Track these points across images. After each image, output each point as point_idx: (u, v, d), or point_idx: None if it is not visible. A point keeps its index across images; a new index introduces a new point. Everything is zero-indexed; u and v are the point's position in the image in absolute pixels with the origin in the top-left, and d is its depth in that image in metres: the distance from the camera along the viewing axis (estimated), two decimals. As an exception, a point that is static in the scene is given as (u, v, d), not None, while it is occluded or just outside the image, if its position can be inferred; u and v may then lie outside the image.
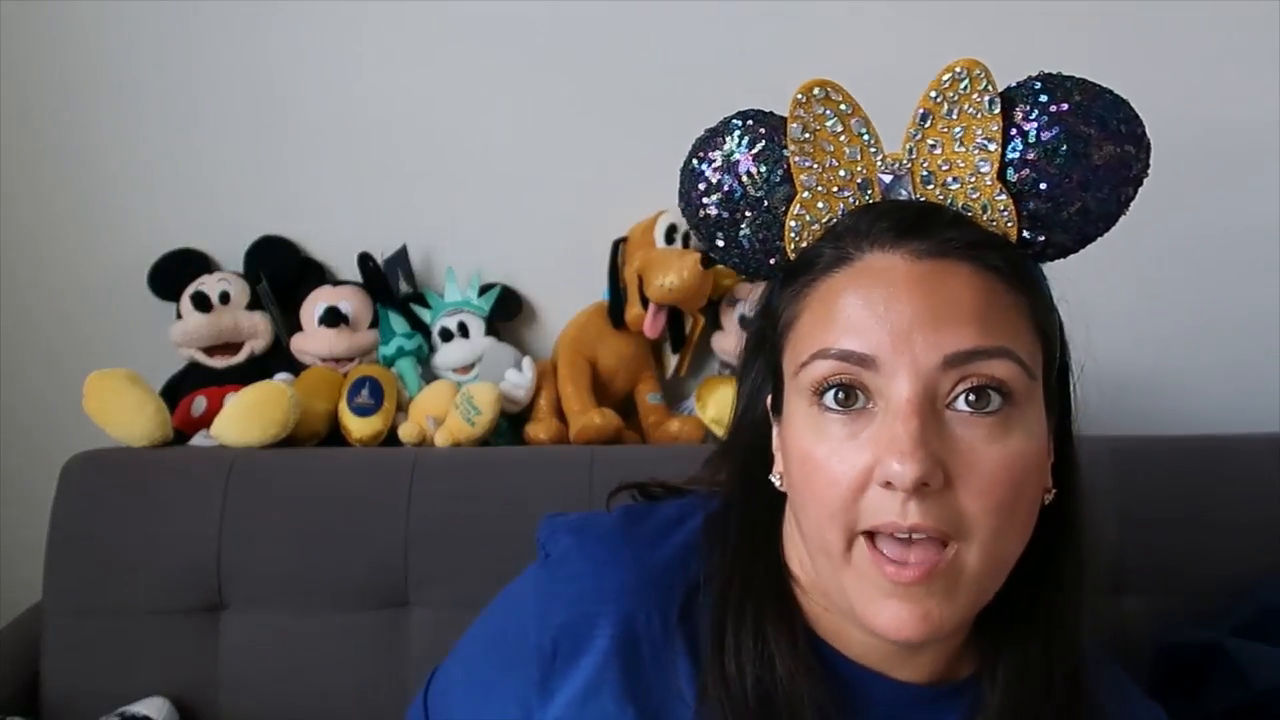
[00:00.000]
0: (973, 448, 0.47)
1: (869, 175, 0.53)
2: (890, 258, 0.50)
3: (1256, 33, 1.33)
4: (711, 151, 0.55)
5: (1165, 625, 1.09)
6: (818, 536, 0.51)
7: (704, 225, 0.56)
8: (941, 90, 0.51)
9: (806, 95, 0.52)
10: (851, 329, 0.48)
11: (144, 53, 1.31)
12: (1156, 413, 1.40)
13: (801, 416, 0.51)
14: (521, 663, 0.58)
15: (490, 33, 1.30)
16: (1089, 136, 0.52)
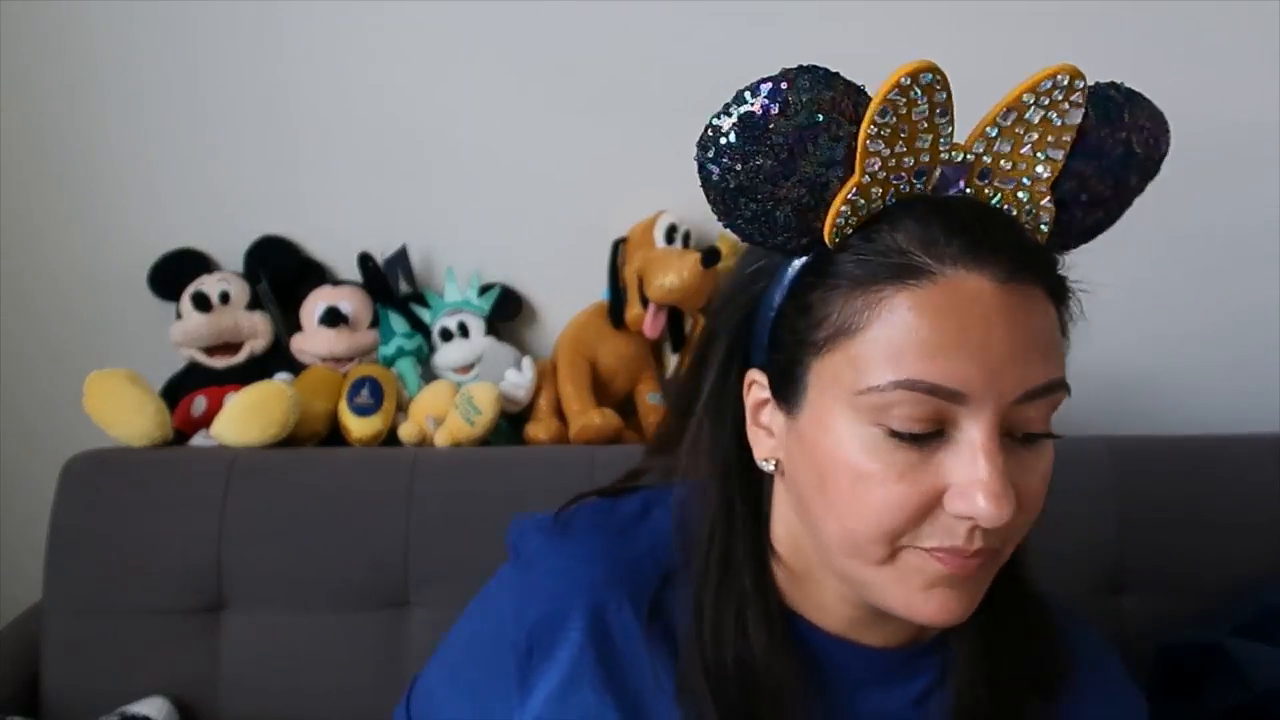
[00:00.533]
0: (1028, 467, 0.49)
1: (931, 165, 0.49)
2: (977, 280, 0.46)
3: (1257, 33, 1.33)
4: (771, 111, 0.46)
5: (1165, 625, 1.10)
6: (848, 541, 0.50)
7: (737, 195, 0.49)
8: (1036, 94, 0.49)
9: (911, 79, 0.46)
10: (944, 360, 0.46)
11: (144, 53, 1.31)
12: (1156, 413, 1.40)
13: (849, 429, 0.48)
14: (501, 662, 0.59)
15: (490, 33, 1.30)
16: (1138, 162, 0.52)
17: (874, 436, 0.47)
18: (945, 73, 0.47)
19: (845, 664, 0.57)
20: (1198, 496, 1.15)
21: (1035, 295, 0.48)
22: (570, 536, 0.61)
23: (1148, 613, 1.13)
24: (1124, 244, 1.52)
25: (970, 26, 1.33)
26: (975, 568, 0.48)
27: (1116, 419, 1.39)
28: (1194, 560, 1.14)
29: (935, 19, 1.32)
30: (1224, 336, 1.41)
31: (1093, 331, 1.54)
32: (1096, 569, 1.14)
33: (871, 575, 0.50)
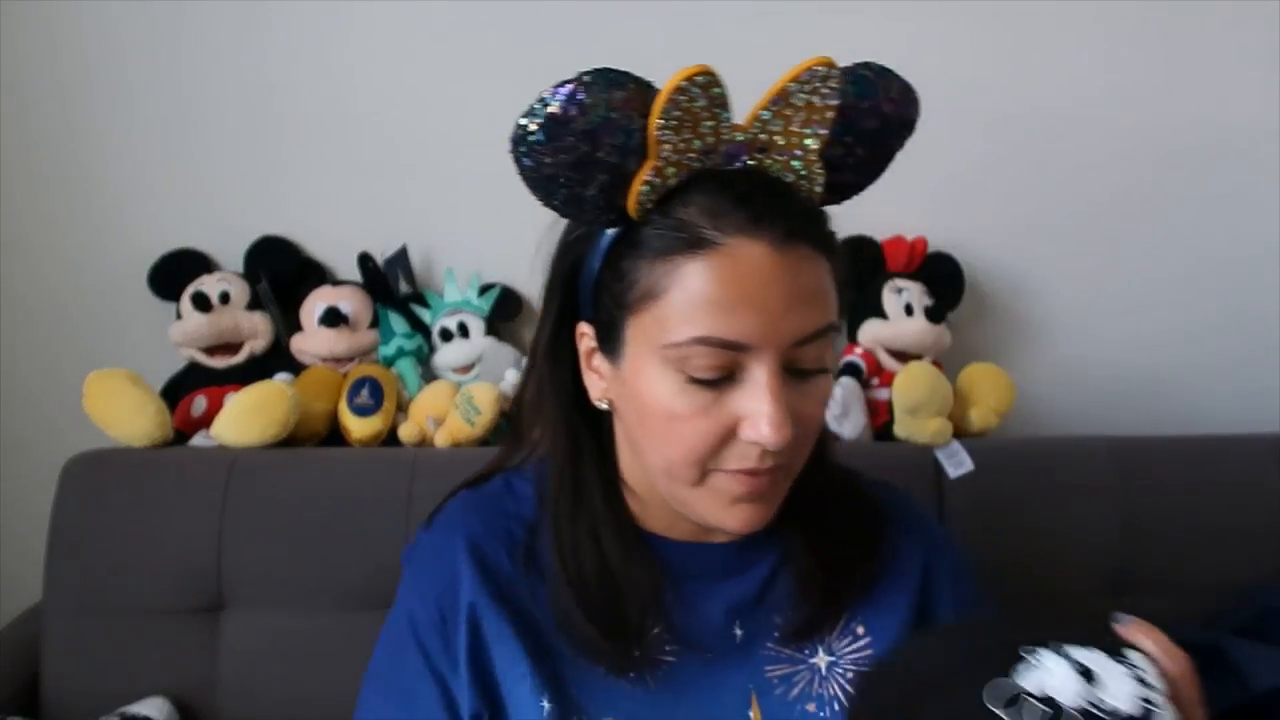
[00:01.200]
0: (804, 394, 0.58)
1: (715, 146, 0.57)
2: (756, 246, 0.55)
3: (1257, 33, 1.34)
4: (576, 113, 0.54)
5: (1165, 625, 1.09)
6: (666, 469, 0.59)
7: (542, 178, 0.56)
8: (800, 82, 0.57)
9: (688, 81, 0.54)
10: (729, 317, 0.55)
11: (144, 53, 1.31)
12: (1156, 413, 1.40)
13: (660, 376, 0.57)
14: (427, 648, 0.65)
15: (491, 32, 1.30)
16: (893, 128, 0.62)
17: (679, 382, 0.57)
18: (717, 73, 0.55)
19: (696, 563, 0.67)
20: (1198, 496, 1.15)
21: (807, 255, 0.57)
22: (444, 517, 0.70)
23: (1148, 613, 1.11)
24: (1124, 245, 1.53)
25: (970, 27, 1.33)
26: (767, 484, 0.59)
27: (1116, 419, 1.39)
28: (1194, 560, 1.14)
29: (934, 18, 1.32)
30: (1224, 337, 1.41)
31: (1093, 332, 1.54)
32: (1096, 569, 1.14)
33: (688, 495, 0.60)
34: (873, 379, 1.29)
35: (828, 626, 0.67)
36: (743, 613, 0.67)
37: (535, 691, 0.63)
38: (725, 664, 0.66)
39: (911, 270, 1.33)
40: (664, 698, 0.65)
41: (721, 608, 0.67)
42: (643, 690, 0.65)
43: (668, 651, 0.65)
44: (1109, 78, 1.35)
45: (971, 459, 1.15)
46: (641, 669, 0.65)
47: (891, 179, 1.46)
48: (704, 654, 0.66)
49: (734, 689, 0.66)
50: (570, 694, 0.64)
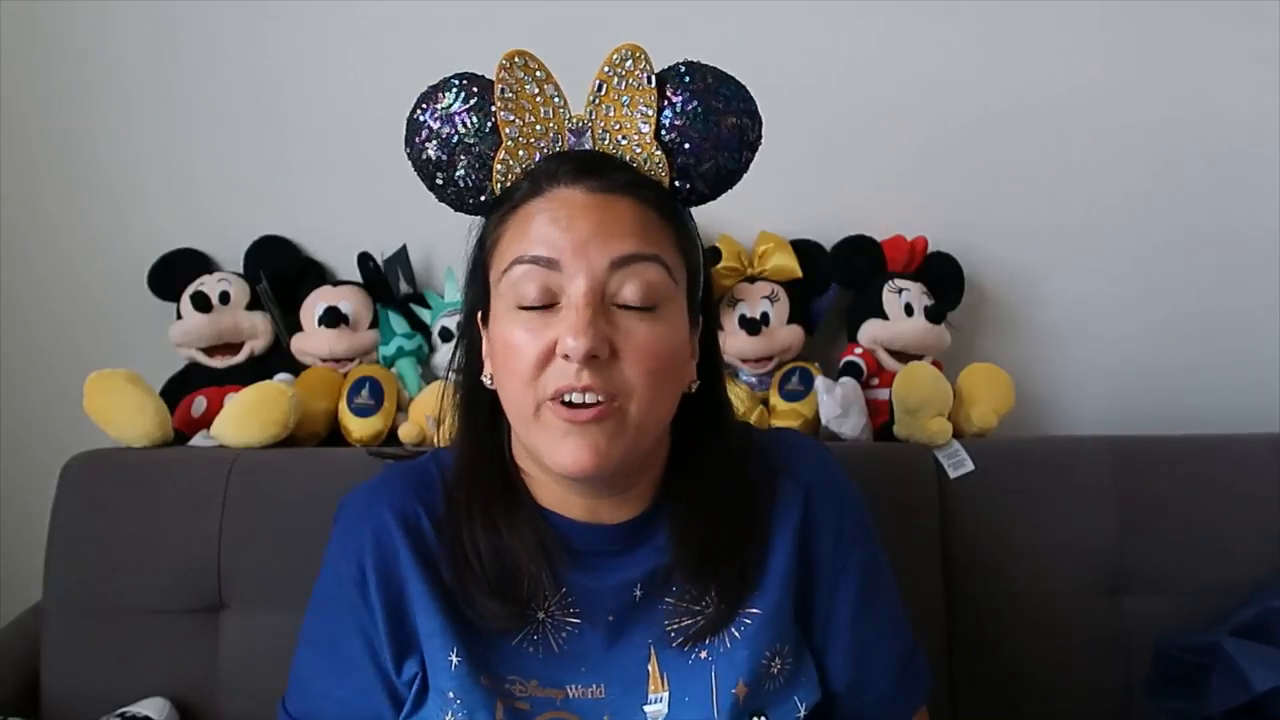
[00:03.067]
0: (630, 329, 0.63)
1: (559, 130, 0.67)
2: (572, 191, 0.64)
3: (1258, 32, 1.34)
4: (434, 105, 0.68)
5: (1165, 625, 1.10)
6: (515, 405, 0.64)
7: (426, 166, 0.69)
8: (613, 66, 0.66)
9: (509, 62, 0.65)
10: (541, 240, 0.63)
11: (144, 53, 1.31)
12: (1156, 413, 1.40)
13: (504, 315, 0.64)
14: (348, 604, 0.70)
15: (490, 32, 1.30)
16: (718, 109, 0.68)
17: (513, 313, 0.64)
18: (536, 55, 0.65)
19: (588, 540, 0.70)
20: (1198, 496, 1.15)
21: (625, 201, 0.64)
22: (370, 484, 0.75)
23: (1148, 613, 1.13)
24: (1125, 245, 1.53)
25: (971, 27, 1.33)
26: (588, 418, 0.62)
27: (1116, 419, 1.39)
28: (1194, 560, 1.14)
29: (934, 18, 1.33)
30: (1224, 336, 1.41)
31: (1093, 332, 1.54)
32: (1096, 569, 1.14)
33: (535, 436, 0.64)
34: (873, 379, 1.29)
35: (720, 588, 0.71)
36: (642, 579, 0.71)
37: (445, 646, 0.68)
38: (626, 623, 0.70)
39: (911, 270, 1.33)
40: (568, 659, 0.69)
41: (621, 577, 0.70)
42: (546, 652, 0.69)
43: (572, 614, 0.70)
44: (1109, 78, 1.35)
45: (971, 459, 1.15)
46: (545, 633, 0.69)
47: (891, 179, 1.47)
48: (606, 617, 0.70)
49: (634, 645, 0.70)
50: (479, 652, 0.69)
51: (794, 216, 1.35)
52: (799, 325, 1.32)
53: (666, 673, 0.70)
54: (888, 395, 1.23)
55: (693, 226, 0.71)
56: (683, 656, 0.70)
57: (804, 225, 1.35)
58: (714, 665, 0.70)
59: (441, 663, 0.68)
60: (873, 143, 1.35)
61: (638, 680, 0.70)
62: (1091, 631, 1.13)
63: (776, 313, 1.30)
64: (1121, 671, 1.13)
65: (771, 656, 0.70)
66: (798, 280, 1.31)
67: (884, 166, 1.36)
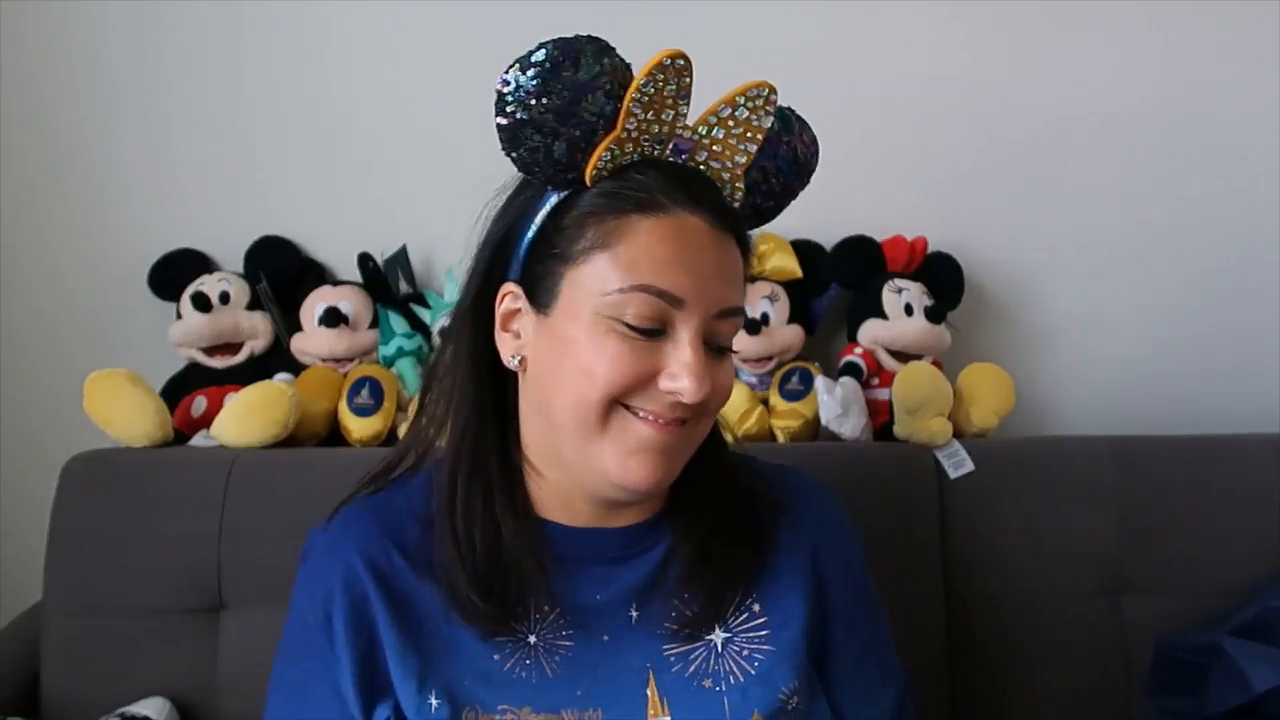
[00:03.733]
0: (716, 373, 0.63)
1: (668, 136, 0.64)
2: (697, 219, 0.62)
3: (1259, 34, 1.34)
4: (572, 65, 0.61)
5: (1165, 625, 1.10)
6: (578, 408, 0.61)
7: (519, 123, 0.61)
8: (746, 97, 0.63)
9: (670, 60, 0.60)
10: (672, 272, 0.60)
11: (144, 54, 1.31)
12: (1156, 413, 1.40)
13: (592, 324, 0.61)
14: (313, 649, 0.68)
15: (490, 33, 1.30)
16: (801, 168, 0.70)
17: (611, 327, 0.61)
18: (691, 60, 0.61)
19: (591, 549, 0.69)
20: (1198, 496, 1.15)
21: (730, 241, 0.64)
22: (339, 519, 0.72)
23: (1148, 613, 1.13)
24: (1125, 246, 1.53)
25: (972, 28, 1.33)
26: (672, 436, 0.62)
27: (1116, 419, 1.39)
28: (1194, 560, 1.14)
29: (934, 19, 1.33)
30: (1224, 336, 1.41)
31: (1093, 332, 1.54)
32: (1096, 569, 1.14)
33: (592, 443, 0.62)
34: (873, 379, 1.29)
35: (721, 609, 0.70)
36: (639, 595, 0.69)
37: (422, 690, 0.66)
38: (623, 645, 0.68)
39: (911, 270, 1.33)
40: (562, 682, 0.67)
41: (618, 591, 0.69)
42: (539, 677, 0.67)
43: (565, 636, 0.68)
44: (1109, 78, 1.35)
45: (971, 459, 1.15)
46: (538, 657, 0.67)
47: (891, 179, 1.47)
48: (601, 637, 0.68)
49: (632, 669, 0.68)
50: (464, 688, 0.66)
51: (794, 216, 1.33)
52: (799, 325, 1.32)
53: (666, 698, 0.68)
54: (888, 395, 1.23)
55: None
56: (685, 682, 0.68)
57: (804, 225, 1.35)
58: (725, 697, 0.68)
59: (420, 707, 0.66)
60: (873, 143, 1.35)
61: (636, 704, 0.68)
62: (1091, 631, 1.13)
63: (776, 313, 1.30)
64: (1121, 671, 1.13)
65: (790, 694, 0.69)
66: (798, 280, 1.31)
67: (884, 166, 1.36)
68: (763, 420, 1.24)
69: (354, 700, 0.67)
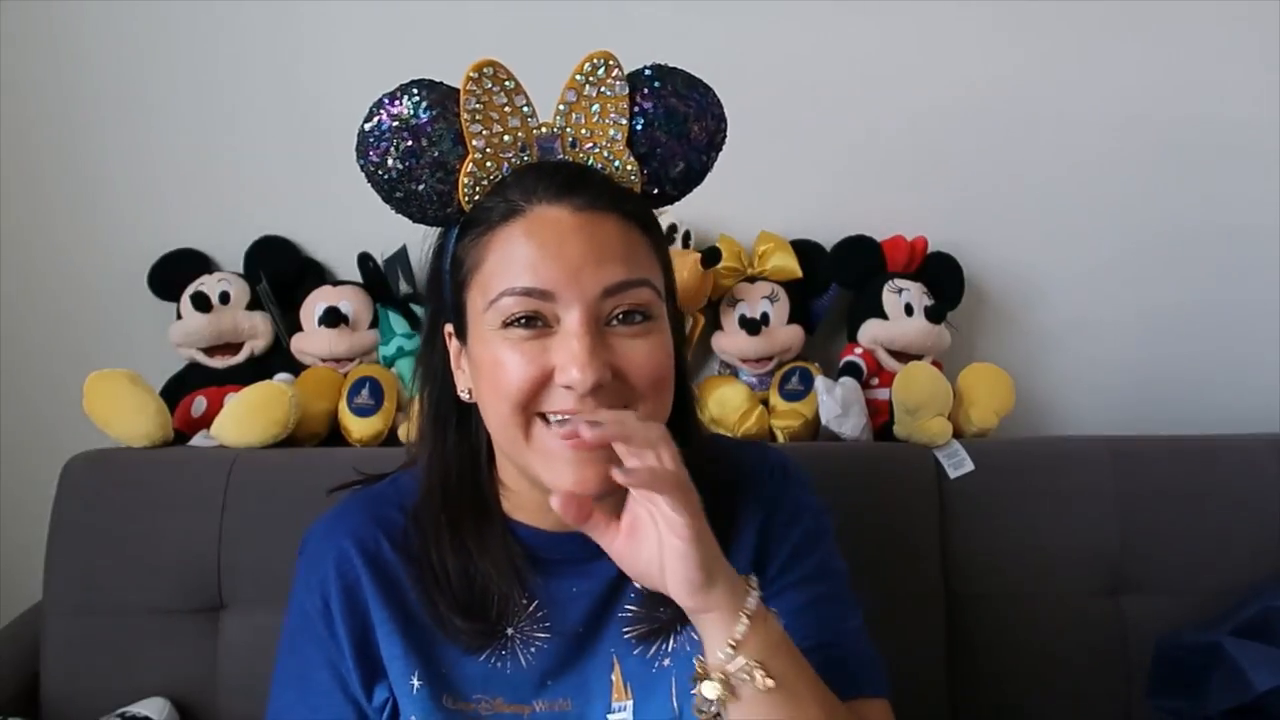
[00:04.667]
0: (628, 350, 0.62)
1: (528, 139, 0.65)
2: (556, 210, 0.62)
3: (1258, 32, 1.34)
4: (394, 113, 0.64)
5: (1165, 625, 1.10)
6: (504, 427, 0.63)
7: (382, 178, 0.65)
8: (584, 74, 0.64)
9: (478, 72, 0.62)
10: (530, 270, 0.61)
11: (144, 54, 1.31)
12: (1156, 413, 1.40)
13: (490, 337, 0.62)
14: (315, 635, 0.70)
15: (488, 33, 1.30)
16: (688, 114, 0.67)
17: (501, 334, 0.62)
18: (504, 64, 0.62)
19: (564, 550, 0.70)
20: (1198, 496, 1.15)
21: (611, 219, 0.63)
22: (329, 515, 0.74)
23: (1148, 613, 1.13)
24: (1124, 244, 1.52)
25: (971, 28, 1.33)
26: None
27: (1116, 419, 1.39)
28: (1194, 560, 1.14)
29: (937, 19, 1.33)
30: (1223, 339, 1.41)
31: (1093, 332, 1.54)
32: (1096, 569, 1.14)
33: (526, 454, 0.63)
34: (873, 379, 1.29)
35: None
36: (613, 586, 0.71)
37: (407, 671, 0.68)
38: (593, 636, 0.71)
39: (911, 270, 1.33)
40: (535, 674, 0.69)
41: (595, 584, 0.70)
42: (514, 668, 0.69)
43: (542, 629, 0.70)
44: (1110, 79, 1.35)
45: (971, 459, 1.15)
46: (514, 649, 0.69)
47: (891, 179, 1.47)
48: (576, 629, 0.70)
49: (600, 657, 0.71)
50: (442, 673, 0.69)
51: (794, 216, 1.35)
52: (799, 325, 1.32)
53: (630, 682, 0.70)
54: (888, 395, 1.23)
55: (662, 231, 0.70)
56: (646, 665, 0.70)
57: (804, 225, 1.35)
58: (675, 673, 0.70)
59: (404, 687, 0.68)
60: (873, 143, 1.35)
61: (602, 691, 0.70)
62: (1091, 631, 1.13)
63: (776, 313, 1.30)
64: (1121, 671, 1.13)
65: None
66: (798, 280, 1.31)
67: (884, 166, 1.36)
68: (763, 420, 1.24)
69: (355, 683, 0.69)
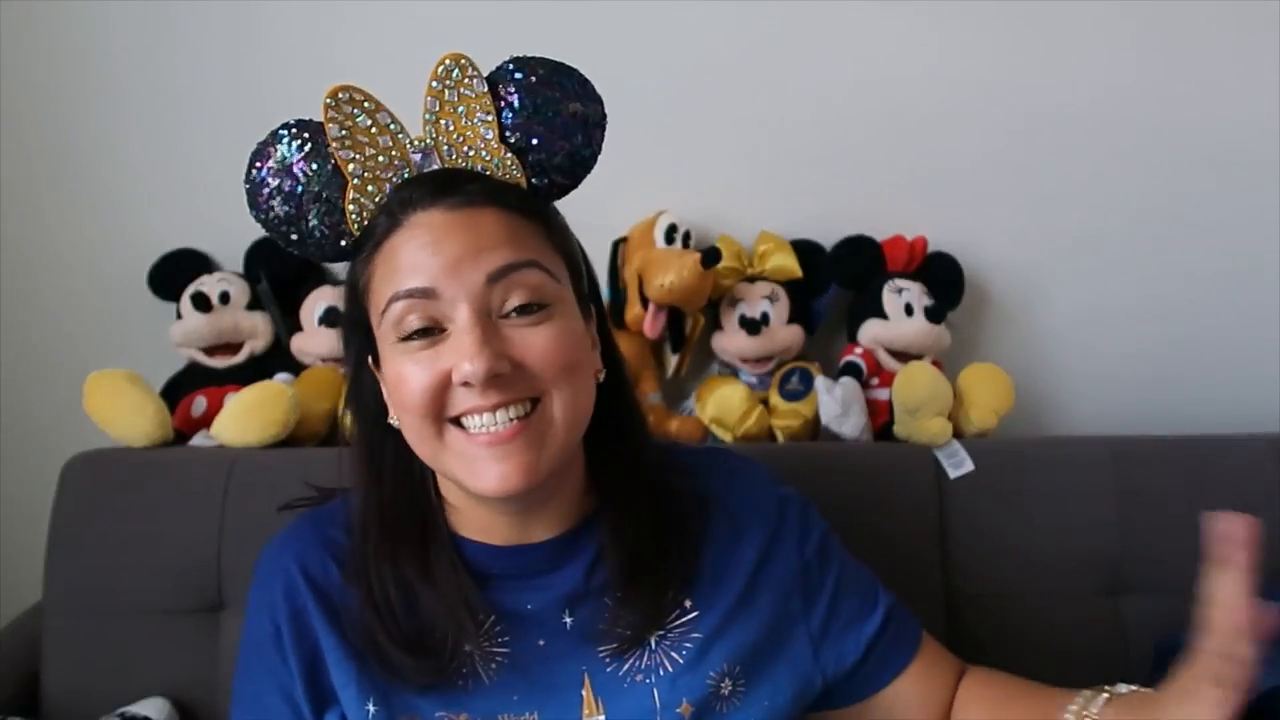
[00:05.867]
0: (526, 338, 0.61)
1: (403, 156, 0.65)
2: (432, 213, 0.62)
3: (1258, 36, 1.34)
4: (268, 160, 0.65)
5: (1165, 625, 1.09)
6: (419, 439, 0.63)
7: (275, 224, 0.65)
8: (440, 80, 0.64)
9: (334, 99, 0.63)
10: (412, 271, 0.60)
11: (144, 54, 1.31)
12: (1156, 413, 1.40)
13: (391, 353, 0.62)
14: (265, 662, 0.69)
15: (488, 33, 1.30)
16: (556, 99, 0.66)
17: (399, 349, 0.61)
18: (361, 87, 0.63)
19: (516, 565, 0.69)
20: (1198, 496, 1.15)
21: (488, 212, 0.62)
22: (280, 535, 0.74)
23: (1148, 613, 1.13)
24: (1124, 244, 1.52)
25: (973, 29, 1.33)
26: (512, 432, 0.60)
27: (1116, 419, 1.39)
28: (1194, 560, 1.13)
29: (935, 21, 1.33)
30: (1224, 338, 1.41)
31: (1093, 332, 1.53)
32: (1096, 569, 1.14)
33: (450, 465, 0.62)
34: (873, 379, 1.29)
35: (659, 621, 0.70)
36: (570, 602, 0.70)
37: (361, 698, 0.67)
38: (558, 650, 0.69)
39: (911, 270, 1.33)
40: (499, 689, 0.68)
41: (549, 601, 0.69)
42: (476, 684, 0.68)
43: (500, 644, 0.68)
44: (1110, 79, 1.35)
45: (971, 459, 1.15)
46: (474, 665, 0.67)
47: (891, 179, 1.47)
48: (536, 642, 0.69)
49: (568, 672, 0.69)
50: (402, 696, 0.67)
51: (794, 216, 1.35)
52: (799, 325, 1.32)
53: (601, 697, 0.69)
54: (888, 395, 1.23)
55: (561, 220, 0.70)
56: (618, 681, 0.69)
57: (804, 225, 1.35)
58: (655, 687, 0.69)
59: (359, 714, 0.67)
60: (873, 143, 1.35)
61: (571, 705, 0.68)
62: (1091, 631, 1.13)
63: (776, 313, 1.30)
64: (1121, 671, 1.12)
65: (720, 678, 0.70)
66: (798, 280, 1.31)
67: (884, 166, 1.36)
68: (762, 420, 1.25)
69: (306, 708, 0.68)
